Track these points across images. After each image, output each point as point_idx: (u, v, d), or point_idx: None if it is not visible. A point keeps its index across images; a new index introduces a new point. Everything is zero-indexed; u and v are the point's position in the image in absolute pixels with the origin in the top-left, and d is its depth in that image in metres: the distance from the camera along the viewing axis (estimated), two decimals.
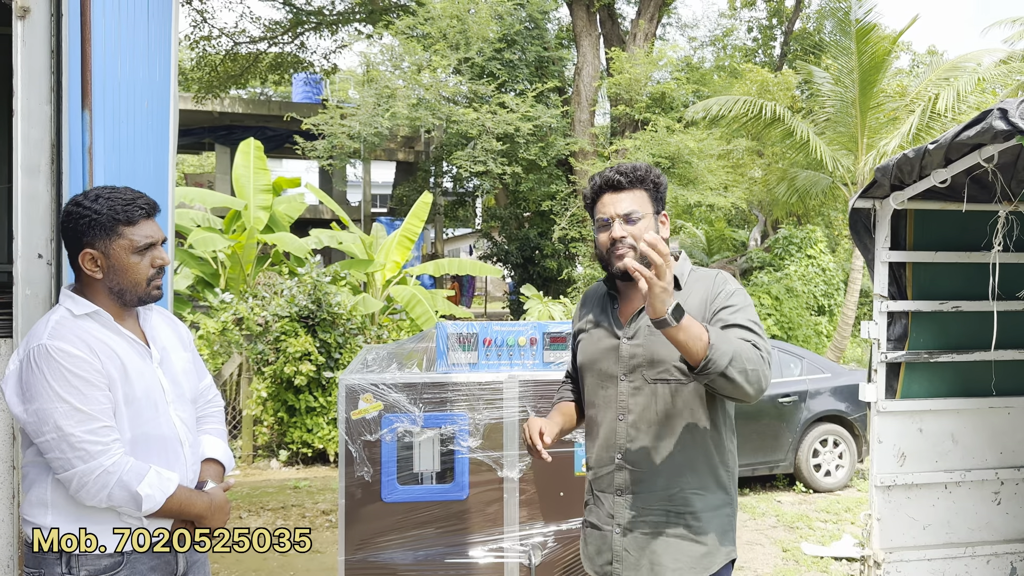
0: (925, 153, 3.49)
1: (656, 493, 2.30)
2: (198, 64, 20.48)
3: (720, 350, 2.07)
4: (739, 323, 2.23)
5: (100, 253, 2.16)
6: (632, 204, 2.33)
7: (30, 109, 2.88)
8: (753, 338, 2.20)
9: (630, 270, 2.03)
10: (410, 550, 3.41)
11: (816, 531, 6.53)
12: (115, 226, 2.15)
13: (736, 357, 2.08)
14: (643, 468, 2.31)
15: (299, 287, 8.54)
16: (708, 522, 2.30)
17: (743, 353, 2.10)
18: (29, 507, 2.14)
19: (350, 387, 3.39)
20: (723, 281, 2.35)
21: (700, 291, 2.34)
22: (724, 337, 2.12)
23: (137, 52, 3.53)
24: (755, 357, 2.13)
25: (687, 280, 2.39)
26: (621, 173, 2.34)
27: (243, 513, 6.61)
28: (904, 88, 14.57)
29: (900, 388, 4.21)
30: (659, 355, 2.30)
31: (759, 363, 2.13)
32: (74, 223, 2.16)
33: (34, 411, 2.04)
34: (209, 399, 2.52)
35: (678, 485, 2.29)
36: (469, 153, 15.27)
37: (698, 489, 2.30)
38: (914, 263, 4.20)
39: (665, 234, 2.39)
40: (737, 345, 2.12)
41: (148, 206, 2.22)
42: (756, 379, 2.11)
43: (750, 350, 2.14)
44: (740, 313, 2.26)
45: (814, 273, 16.15)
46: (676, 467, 2.29)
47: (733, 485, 2.40)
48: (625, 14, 19.56)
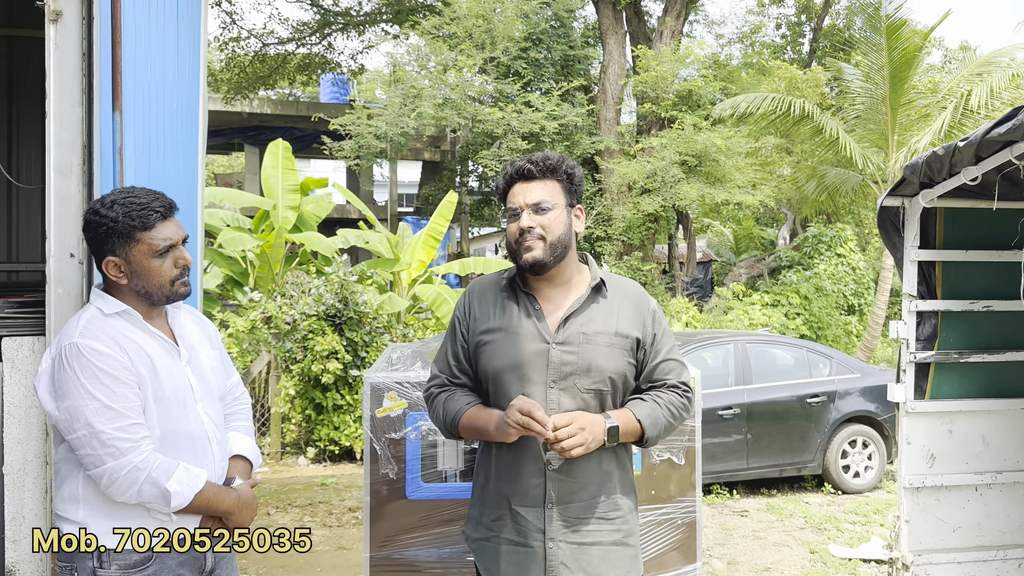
0: (955, 150, 3.44)
1: (588, 502, 2.25)
2: (227, 65, 20.70)
3: (653, 435, 2.27)
4: (669, 357, 2.34)
5: (122, 260, 2.18)
6: (542, 194, 2.26)
7: (62, 111, 2.93)
8: (680, 374, 2.35)
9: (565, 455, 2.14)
10: (434, 547, 3.42)
11: (844, 533, 6.47)
12: (132, 232, 2.16)
13: (666, 428, 2.30)
14: (575, 478, 2.23)
15: (326, 286, 8.61)
16: (632, 523, 2.33)
17: (671, 417, 2.30)
18: (61, 502, 2.18)
19: (375, 385, 3.42)
20: (646, 299, 2.39)
21: (629, 304, 2.34)
22: (654, 418, 2.27)
23: (167, 54, 3.58)
24: (680, 407, 2.32)
25: (610, 287, 2.34)
26: (532, 162, 2.29)
27: (271, 510, 6.68)
28: (936, 84, 14.35)
29: (929, 389, 4.15)
30: (596, 364, 2.24)
31: (684, 409, 2.33)
32: (93, 232, 2.18)
33: (66, 408, 2.08)
34: (236, 396, 2.54)
35: (607, 490, 2.28)
36: (495, 152, 15.28)
37: (622, 492, 2.32)
38: (944, 262, 4.14)
39: (579, 228, 2.34)
40: (665, 413, 2.29)
41: (164, 207, 2.21)
42: (679, 424, 2.35)
43: (674, 405, 2.31)
44: (667, 343, 2.35)
45: (844, 272, 15.97)
46: (605, 473, 2.28)
47: (635, 489, 2.44)
48: (652, 11, 19.47)
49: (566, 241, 2.28)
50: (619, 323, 2.28)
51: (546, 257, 2.24)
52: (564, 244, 2.27)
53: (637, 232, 16.04)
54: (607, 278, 2.35)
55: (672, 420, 2.30)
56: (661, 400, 2.29)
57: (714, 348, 7.82)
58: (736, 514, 7.02)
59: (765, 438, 7.47)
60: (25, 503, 3.09)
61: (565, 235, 2.27)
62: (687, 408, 2.33)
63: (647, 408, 2.27)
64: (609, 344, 2.25)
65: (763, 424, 7.48)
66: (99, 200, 2.22)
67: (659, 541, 3.54)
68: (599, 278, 2.32)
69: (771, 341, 8.36)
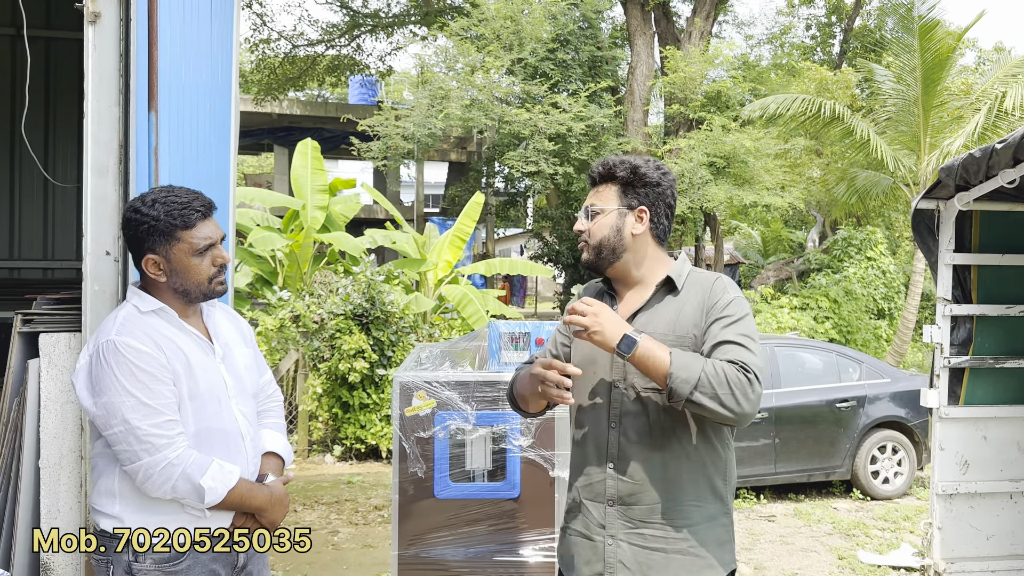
0: (992, 152, 3.39)
1: (651, 505, 2.21)
2: (258, 67, 20.92)
3: (680, 378, 2.03)
4: (728, 339, 2.13)
5: (162, 258, 2.20)
6: (596, 199, 2.30)
7: (99, 111, 2.98)
8: (741, 355, 2.09)
9: (566, 322, 2.14)
10: (461, 547, 3.43)
11: (873, 539, 6.39)
12: (173, 231, 2.19)
13: (703, 382, 2.02)
14: (636, 479, 2.21)
15: (354, 286, 8.66)
16: (706, 533, 2.21)
17: (714, 376, 2.03)
18: (97, 496, 2.22)
19: (404, 384, 3.43)
20: (721, 288, 2.24)
21: (696, 297, 2.24)
22: (688, 363, 2.06)
23: (200, 55, 3.63)
24: (733, 378, 2.03)
25: (684, 283, 2.28)
26: (596, 166, 2.33)
27: (298, 507, 6.73)
28: (969, 86, 14.15)
29: (963, 394, 4.10)
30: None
31: (738, 384, 2.03)
32: (134, 230, 2.20)
33: (103, 404, 2.11)
34: (269, 394, 2.56)
35: (673, 497, 2.20)
36: (521, 153, 15.30)
37: (694, 500, 2.21)
38: (979, 266, 4.08)
39: (638, 229, 2.27)
40: (708, 368, 2.04)
41: (204, 207, 2.25)
42: (732, 402, 2.02)
43: (726, 372, 2.04)
44: (733, 327, 2.15)
45: (874, 275, 15.79)
46: (670, 479, 2.20)
47: (730, 496, 2.30)
48: (680, 12, 19.37)
49: (613, 244, 2.26)
50: (680, 319, 2.22)
51: (591, 259, 2.29)
52: (611, 247, 2.26)
53: None
54: (688, 275, 2.29)
55: (713, 383, 2.02)
56: (711, 360, 2.08)
57: None
58: (763, 519, 6.96)
59: (793, 443, 7.40)
60: (60, 497, 3.14)
61: (610, 238, 2.26)
62: (741, 384, 2.02)
63: (687, 354, 2.10)
64: (663, 339, 2.18)
65: (791, 429, 7.41)
66: (139, 198, 2.25)
67: None
68: (669, 275, 2.27)
69: (800, 345, 8.29)
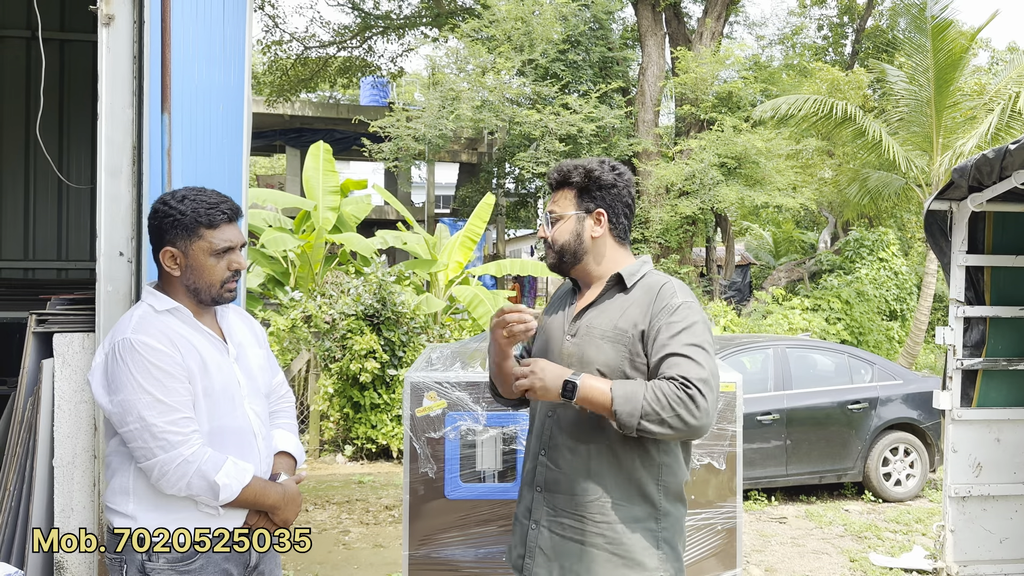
0: (1006, 153, 3.37)
1: (573, 497, 2.21)
2: (270, 68, 21.01)
3: (624, 412, 2.03)
4: (672, 351, 2.09)
5: (180, 252, 2.24)
6: (554, 205, 2.33)
7: (113, 113, 3.00)
8: (684, 368, 2.05)
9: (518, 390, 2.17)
10: (472, 547, 3.44)
11: (885, 541, 6.36)
12: (196, 228, 2.23)
13: (647, 410, 2.01)
14: (562, 469, 2.24)
15: (365, 286, 8.69)
16: (628, 535, 2.17)
17: (656, 402, 2.01)
18: (112, 494, 2.24)
19: (415, 385, 3.44)
20: (670, 293, 2.20)
21: (645, 298, 2.22)
22: (629, 394, 2.04)
23: (213, 57, 3.65)
24: (674, 398, 2.00)
25: (637, 283, 2.27)
26: (552, 173, 2.34)
27: (309, 506, 6.75)
28: (982, 86, 14.08)
29: (976, 396, 4.08)
30: (587, 356, 2.23)
31: (680, 403, 2.00)
32: (159, 221, 2.25)
33: (119, 402, 2.13)
34: (281, 395, 2.58)
35: (595, 491, 2.19)
36: (532, 154, 15.30)
37: (619, 499, 2.18)
38: (993, 267, 4.06)
39: (596, 232, 2.29)
40: (649, 395, 2.02)
41: (231, 211, 2.29)
42: (679, 423, 2.00)
43: (667, 393, 2.01)
44: (679, 336, 2.11)
45: (886, 277, 15.72)
46: (594, 473, 2.20)
47: (669, 501, 2.23)
48: (691, 13, 19.34)
49: (574, 248, 2.30)
50: (623, 317, 2.21)
51: (554, 263, 2.35)
52: (572, 251, 2.30)
53: (675, 235, 15.95)
54: (643, 276, 2.28)
55: (657, 408, 2.00)
56: (650, 384, 2.06)
57: (753, 353, 7.74)
58: (775, 521, 6.94)
59: (805, 444, 7.37)
60: (74, 496, 3.16)
61: (571, 242, 2.30)
62: (683, 402, 2.00)
63: (626, 383, 2.09)
64: (603, 337, 2.22)
65: (803, 430, 7.38)
66: (170, 193, 2.30)
67: (698, 547, 3.52)
68: (619, 272, 2.27)
69: (812, 346, 8.26)
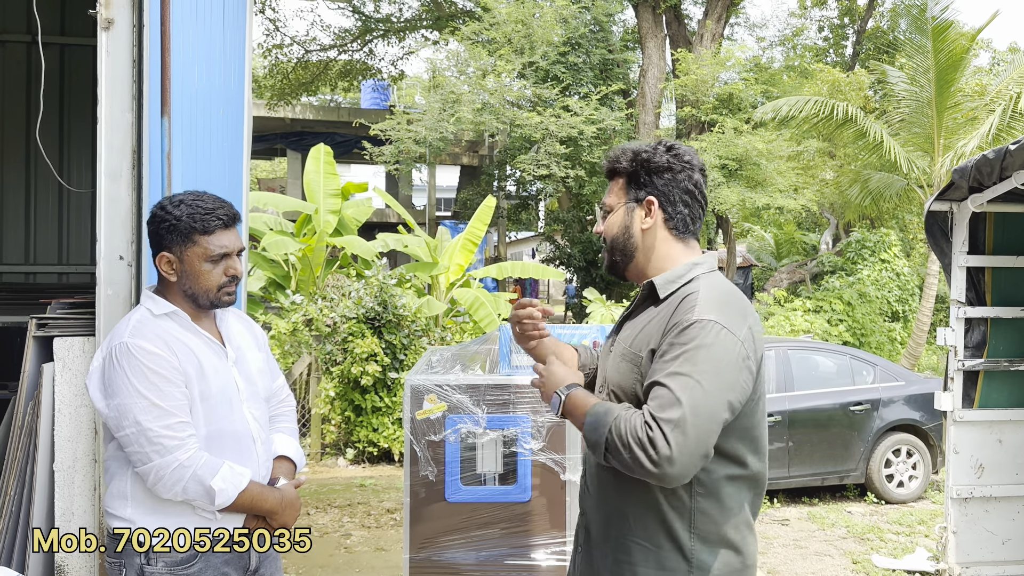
0: (1006, 154, 3.37)
1: (600, 527, 2.01)
2: (271, 72, 21.04)
3: (590, 440, 1.85)
4: (656, 379, 1.79)
5: (175, 257, 2.24)
6: (607, 196, 2.09)
7: (112, 117, 3.00)
8: (660, 402, 1.75)
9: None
10: (473, 550, 3.43)
11: (888, 543, 6.34)
12: (191, 233, 2.23)
13: (610, 445, 1.78)
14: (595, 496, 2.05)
15: (366, 289, 8.69)
16: None
17: (619, 438, 1.77)
18: (110, 499, 2.24)
19: (415, 387, 3.44)
20: (688, 308, 1.86)
21: (664, 316, 1.92)
22: (597, 423, 1.83)
23: (213, 61, 3.65)
24: (634, 438, 1.74)
25: (673, 293, 1.96)
26: (604, 160, 2.11)
27: (311, 510, 6.75)
28: (983, 87, 14.05)
29: (978, 397, 4.07)
30: (608, 375, 2.04)
31: (639, 444, 1.73)
32: (155, 226, 2.25)
33: (115, 406, 2.14)
34: (282, 399, 2.58)
35: (619, 526, 1.95)
36: (532, 157, 15.31)
37: (642, 539, 1.91)
38: (994, 268, 4.06)
39: (646, 224, 2.00)
40: (615, 428, 1.79)
41: (227, 217, 2.28)
42: (637, 467, 1.74)
43: (629, 431, 1.75)
44: (674, 362, 1.79)
45: (888, 278, 15.69)
46: (620, 506, 1.96)
47: (705, 552, 1.90)
48: (692, 15, 19.35)
49: (623, 244, 2.03)
50: (640, 334, 1.96)
51: (608, 263, 2.09)
52: (621, 247, 2.04)
53: None
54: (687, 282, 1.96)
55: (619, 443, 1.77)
56: (624, 413, 1.81)
57: None
58: (777, 523, 6.93)
59: (807, 446, 7.36)
60: (75, 500, 3.16)
61: (620, 236, 2.03)
62: (642, 445, 1.72)
63: (604, 408, 1.87)
64: (622, 355, 1.99)
65: (805, 432, 7.37)
66: (168, 198, 2.31)
67: None
68: (652, 281, 2.00)
69: (813, 348, 8.25)
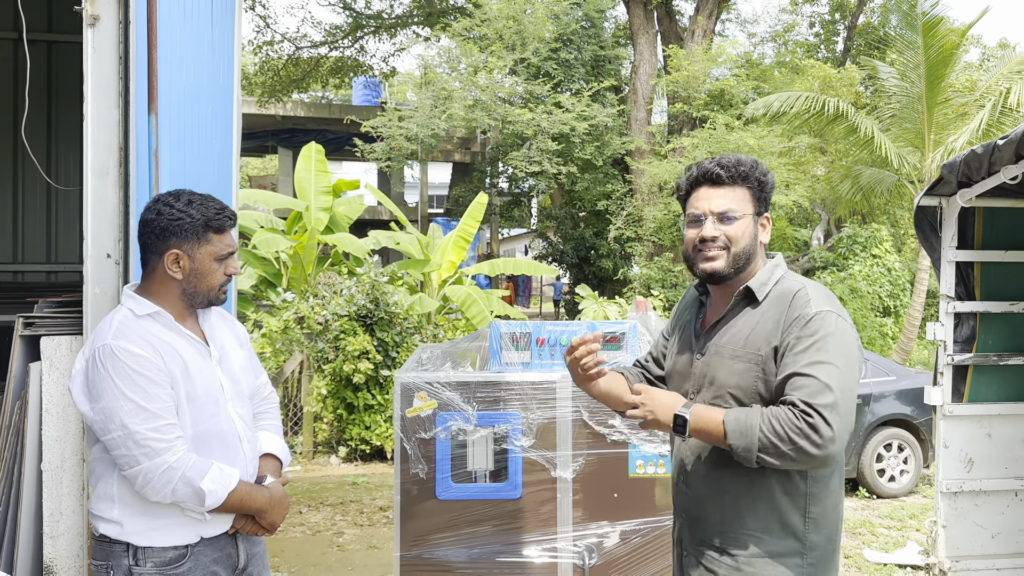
0: (994, 149, 3.37)
1: (711, 525, 2.10)
2: (261, 69, 20.97)
3: (741, 447, 1.93)
4: (797, 370, 1.93)
5: (186, 255, 2.22)
6: (730, 202, 2.10)
7: (99, 114, 2.98)
8: (808, 391, 1.90)
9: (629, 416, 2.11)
10: (464, 548, 3.43)
11: (879, 537, 6.37)
12: (206, 232, 2.23)
13: (764, 444, 1.89)
14: (699, 496, 2.13)
15: (358, 287, 8.67)
16: (764, 570, 2.03)
17: (773, 434, 1.88)
18: (96, 501, 2.22)
19: (405, 385, 3.43)
20: (803, 302, 2.02)
21: (776, 310, 2.05)
22: (744, 428, 1.93)
23: (201, 57, 3.63)
24: (793, 429, 1.86)
25: (768, 294, 2.10)
26: (722, 166, 2.12)
27: (303, 508, 6.74)
28: (973, 83, 14.10)
29: (967, 392, 4.08)
30: (718, 378, 2.10)
31: (801, 433, 1.86)
32: (166, 222, 2.21)
33: (100, 409, 2.11)
34: (265, 396, 2.57)
35: (732, 521, 2.06)
36: (524, 153, 15.30)
37: (757, 531, 2.04)
38: (983, 263, 4.07)
39: (765, 238, 2.16)
40: (766, 426, 1.90)
41: (233, 217, 2.31)
42: (800, 454, 1.87)
43: (784, 425, 1.88)
44: (807, 353, 1.94)
45: (879, 273, 15.74)
46: (731, 501, 2.07)
47: (816, 535, 2.06)
48: (683, 11, 19.37)
49: (750, 252, 2.12)
50: (753, 334, 2.06)
51: (727, 268, 2.11)
52: (747, 256, 2.11)
53: (668, 233, 15.95)
54: (776, 282, 2.12)
55: (775, 440, 1.87)
56: (766, 412, 1.93)
57: None
58: None
59: None
60: (63, 500, 3.14)
61: (750, 246, 2.12)
62: (804, 432, 1.85)
63: (740, 413, 1.97)
64: (733, 357, 2.07)
65: None
66: (172, 195, 2.26)
67: None
68: (749, 285, 2.12)
69: None
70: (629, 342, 3.53)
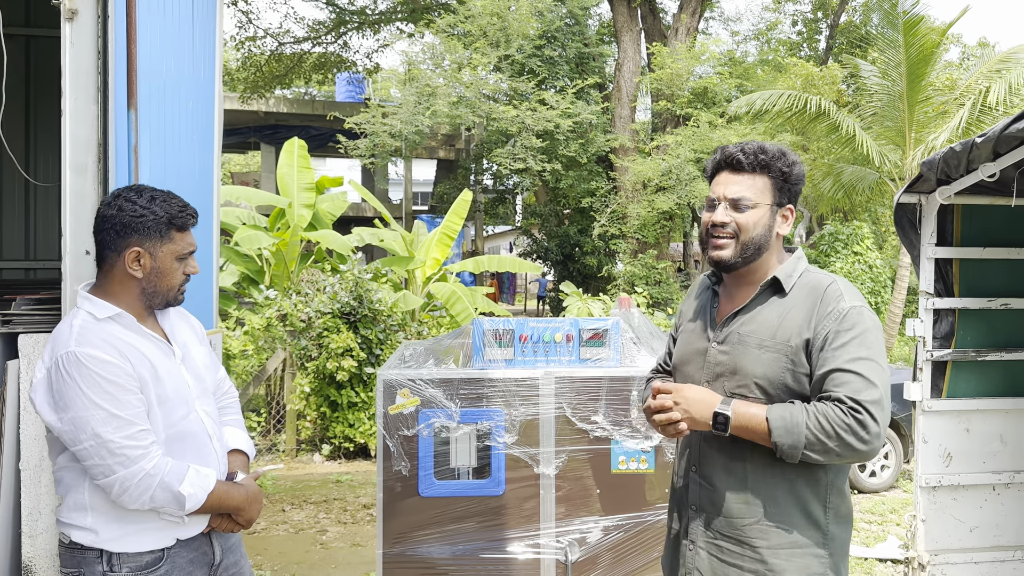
0: (972, 147, 3.40)
1: (730, 519, 2.07)
2: (243, 64, 20.82)
3: (786, 444, 1.91)
4: (839, 366, 1.93)
5: (147, 253, 2.16)
6: (746, 190, 2.08)
7: (77, 109, 2.95)
8: (853, 388, 1.90)
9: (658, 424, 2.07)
10: (447, 544, 3.43)
11: (860, 532, 6.42)
12: (169, 230, 2.18)
13: (810, 441, 1.89)
14: (717, 488, 2.09)
15: (341, 284, 8.63)
16: (788, 561, 2.01)
17: (820, 431, 1.89)
18: (67, 511, 2.14)
19: (388, 382, 3.42)
20: (836, 295, 2.02)
21: (807, 302, 2.04)
22: (790, 425, 1.91)
23: (182, 52, 3.60)
24: (841, 425, 1.87)
25: (794, 286, 2.10)
26: (744, 152, 2.10)
27: (286, 506, 6.71)
28: (954, 81, 14.23)
29: (946, 387, 4.12)
30: (742, 367, 2.07)
31: (848, 429, 1.87)
32: (128, 219, 2.14)
33: (69, 420, 2.02)
34: (225, 391, 2.54)
35: (753, 513, 2.04)
36: (509, 150, 15.29)
37: (778, 521, 2.02)
38: (961, 259, 4.10)
39: (784, 230, 2.15)
40: (812, 423, 1.90)
41: (195, 215, 2.27)
42: (846, 450, 1.88)
43: (832, 421, 1.88)
44: (846, 348, 1.94)
45: (860, 270, 15.86)
46: (751, 492, 2.04)
47: (838, 521, 2.07)
48: (667, 8, 19.42)
49: (761, 242, 2.10)
50: (782, 325, 2.04)
51: (734, 257, 2.11)
52: (758, 246, 2.10)
53: (652, 230, 16.00)
54: (801, 274, 2.13)
55: (823, 437, 1.88)
56: (811, 409, 1.92)
57: None
58: None
59: None
60: (41, 499, 3.11)
61: (762, 236, 2.10)
62: (852, 429, 1.86)
63: (784, 410, 1.95)
64: (760, 346, 2.05)
65: None
66: (133, 191, 2.20)
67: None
68: (776, 276, 2.11)
69: None
70: (612, 339, 3.54)
